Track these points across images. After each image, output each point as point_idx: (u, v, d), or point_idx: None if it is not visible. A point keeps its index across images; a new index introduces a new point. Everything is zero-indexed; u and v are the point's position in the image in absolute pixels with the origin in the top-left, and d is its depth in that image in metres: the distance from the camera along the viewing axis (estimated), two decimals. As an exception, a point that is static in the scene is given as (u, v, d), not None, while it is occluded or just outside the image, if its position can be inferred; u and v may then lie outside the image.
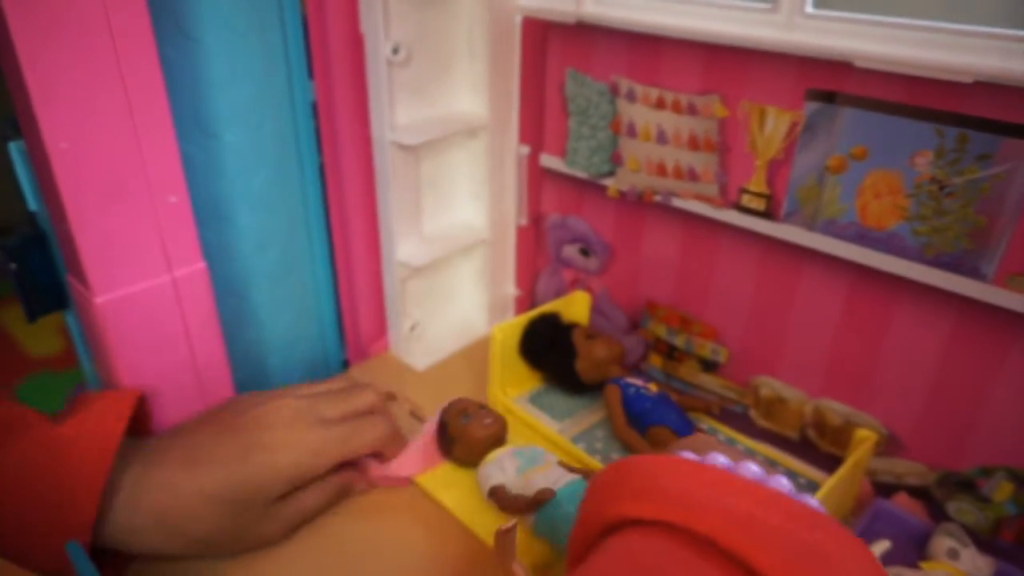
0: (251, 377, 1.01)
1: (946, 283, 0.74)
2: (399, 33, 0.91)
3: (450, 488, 0.83)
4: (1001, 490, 0.77)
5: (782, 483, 0.39)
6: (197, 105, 0.85)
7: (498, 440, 0.84)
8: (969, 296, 0.72)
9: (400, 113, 0.97)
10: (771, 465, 0.89)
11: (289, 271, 1.03)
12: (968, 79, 0.66)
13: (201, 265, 0.79)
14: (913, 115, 0.71)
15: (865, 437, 0.79)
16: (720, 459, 0.42)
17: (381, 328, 1.15)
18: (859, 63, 0.71)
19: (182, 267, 0.77)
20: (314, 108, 0.97)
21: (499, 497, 0.77)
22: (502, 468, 0.79)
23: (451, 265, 1.15)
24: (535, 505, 0.73)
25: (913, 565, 0.72)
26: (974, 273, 0.72)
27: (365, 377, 1.09)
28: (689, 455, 0.42)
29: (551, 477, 0.76)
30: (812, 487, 0.86)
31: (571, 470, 0.80)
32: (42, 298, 0.82)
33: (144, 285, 0.75)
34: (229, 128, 0.90)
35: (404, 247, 1.04)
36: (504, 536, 0.67)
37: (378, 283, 1.11)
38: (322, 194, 1.02)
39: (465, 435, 0.83)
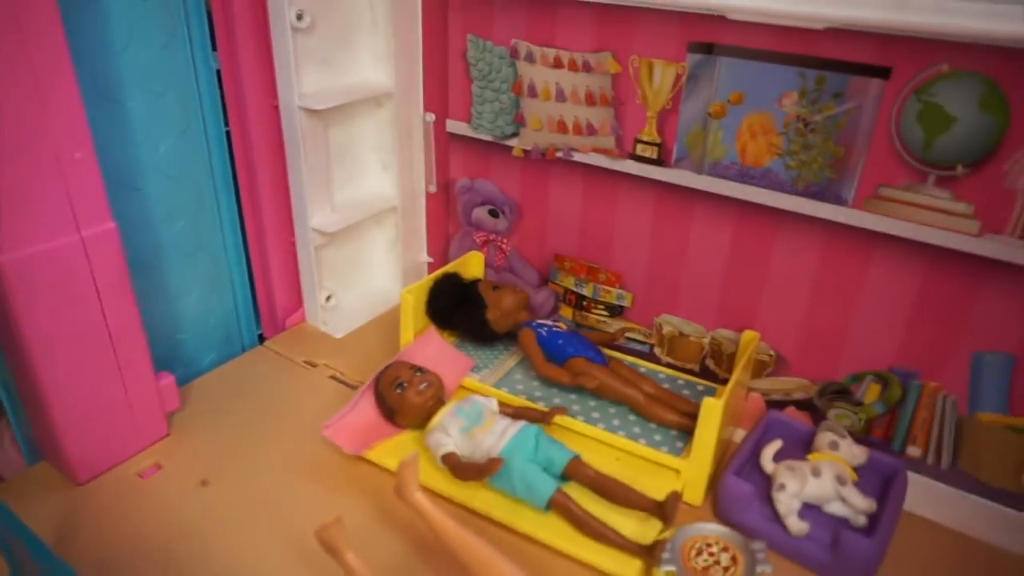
0: (164, 353, 1.00)
1: (815, 211, 0.83)
2: (302, 0, 0.93)
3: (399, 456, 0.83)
4: (870, 392, 0.88)
5: None
6: (95, 68, 0.84)
7: (437, 401, 0.86)
8: (834, 220, 0.82)
9: (306, 81, 0.99)
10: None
11: (199, 244, 1.02)
12: (820, 26, 0.75)
13: (111, 225, 0.78)
14: (779, 60, 0.80)
15: (752, 337, 0.88)
16: None
17: (296, 301, 1.15)
18: (731, 16, 0.80)
19: (91, 226, 0.76)
20: (219, 77, 0.97)
21: (451, 464, 0.80)
22: (447, 432, 0.81)
23: (363, 235, 1.17)
24: (486, 475, 0.77)
25: (802, 459, 0.81)
26: (837, 199, 0.82)
27: (284, 348, 1.10)
28: None
29: (495, 432, 0.80)
30: (710, 392, 0.93)
31: (514, 414, 0.85)
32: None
33: (51, 244, 0.73)
34: (130, 93, 0.88)
35: (317, 215, 1.05)
36: (407, 468, 0.70)
37: (291, 256, 1.11)
38: (230, 164, 1.02)
39: (403, 405, 0.85)
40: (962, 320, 0.79)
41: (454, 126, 1.09)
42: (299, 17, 0.93)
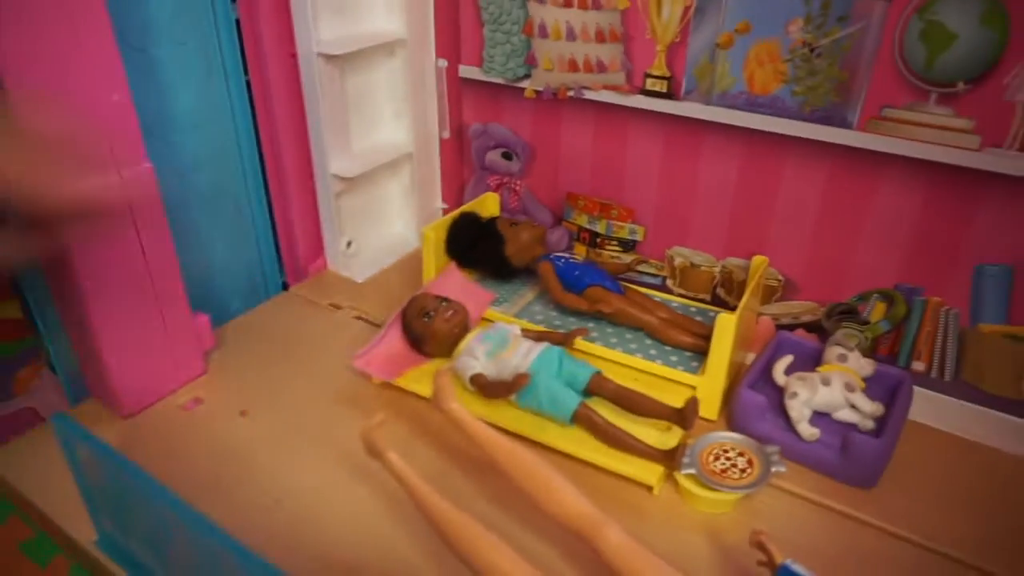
0: (199, 296, 1.03)
1: (821, 135, 0.86)
2: (317, -55, 0.95)
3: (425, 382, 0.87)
4: (876, 310, 0.92)
5: None
6: (118, 15, 0.86)
7: (463, 328, 0.91)
8: (839, 144, 0.86)
9: (323, 29, 1.01)
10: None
11: (223, 192, 1.06)
12: (825, -50, 0.78)
13: (147, 165, 0.81)
14: (784, -12, 0.82)
15: (761, 262, 0.92)
16: None
17: (318, 248, 1.18)
18: (737, -55, 0.82)
19: (129, 166, 0.79)
20: (238, 26, 0.99)
21: (480, 385, 0.84)
22: (474, 356, 0.85)
23: (380, 182, 1.20)
24: (515, 389, 0.81)
25: (812, 372, 0.85)
26: (842, 122, 0.85)
27: (308, 293, 1.14)
28: None
29: (520, 352, 0.84)
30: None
31: (537, 338, 0.89)
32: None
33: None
34: (155, 43, 0.91)
35: (336, 161, 1.09)
36: (442, 377, 0.75)
37: (312, 204, 1.15)
38: (251, 114, 1.05)
39: (430, 332, 0.89)
40: (963, 234, 0.83)
41: (466, 71, 1.11)
42: (314, -36, 0.96)
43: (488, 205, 1.10)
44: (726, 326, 0.81)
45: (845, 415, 0.82)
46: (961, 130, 0.78)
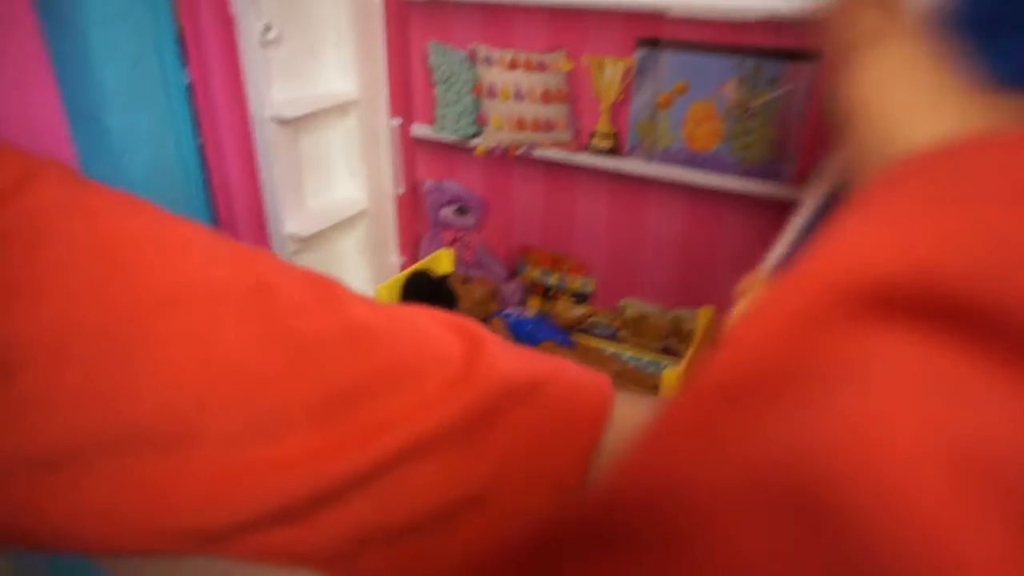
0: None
1: (759, 189, 0.90)
2: (269, 12, 0.98)
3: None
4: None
5: None
6: (67, 84, 0.87)
7: None
8: (777, 196, 0.89)
9: (276, 92, 1.03)
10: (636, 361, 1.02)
11: (176, 253, 1.06)
12: (753, 17, 0.82)
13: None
14: (718, 51, 0.86)
15: (708, 312, 0.95)
16: None
17: (273, 306, 1.18)
18: (671, 13, 0.86)
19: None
20: (190, 91, 1.01)
21: None
22: None
23: (336, 240, 1.21)
24: None
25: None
26: (777, 177, 0.88)
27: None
28: None
29: None
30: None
31: None
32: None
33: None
34: (107, 111, 0.92)
35: (291, 222, 1.09)
36: None
37: (267, 262, 1.15)
38: (203, 175, 1.06)
39: None
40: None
41: (419, 129, 1.14)
42: (267, 29, 0.98)
43: (442, 262, 1.11)
44: (671, 381, 0.82)
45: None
46: (888, 184, 0.82)
